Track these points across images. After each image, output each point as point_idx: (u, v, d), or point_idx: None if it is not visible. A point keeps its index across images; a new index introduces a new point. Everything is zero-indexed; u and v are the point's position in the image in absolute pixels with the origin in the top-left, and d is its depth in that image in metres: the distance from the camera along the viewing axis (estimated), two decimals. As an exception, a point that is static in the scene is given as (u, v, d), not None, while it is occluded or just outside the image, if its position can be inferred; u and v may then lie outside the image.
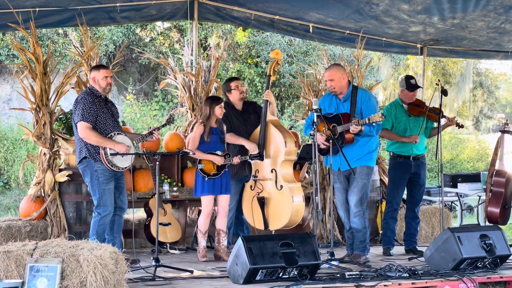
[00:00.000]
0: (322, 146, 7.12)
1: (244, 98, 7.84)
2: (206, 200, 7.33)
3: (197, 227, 7.51)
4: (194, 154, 7.22)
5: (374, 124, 7.02)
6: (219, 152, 7.32)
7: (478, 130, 25.95)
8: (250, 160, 7.39)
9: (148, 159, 7.68)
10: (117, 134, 6.87)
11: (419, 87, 8.02)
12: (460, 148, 23.54)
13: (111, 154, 6.75)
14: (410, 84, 7.96)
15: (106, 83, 6.94)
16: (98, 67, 7.05)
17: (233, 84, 7.77)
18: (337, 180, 7.29)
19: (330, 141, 6.97)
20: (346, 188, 7.28)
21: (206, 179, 7.26)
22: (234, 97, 7.75)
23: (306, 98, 9.12)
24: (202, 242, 7.46)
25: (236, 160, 7.35)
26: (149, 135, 7.09)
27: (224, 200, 7.42)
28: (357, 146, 7.17)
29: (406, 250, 7.97)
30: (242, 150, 7.52)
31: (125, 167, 6.92)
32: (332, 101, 7.31)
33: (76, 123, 6.78)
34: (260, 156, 7.25)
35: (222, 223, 7.43)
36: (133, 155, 6.93)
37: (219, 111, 7.28)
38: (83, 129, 6.73)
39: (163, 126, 7.35)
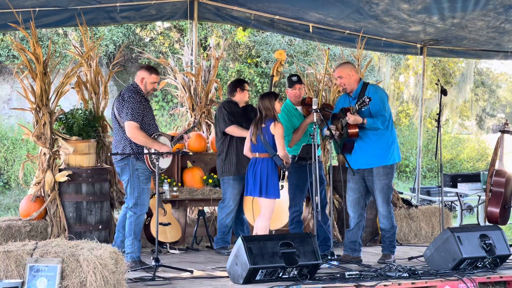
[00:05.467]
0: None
1: (248, 102, 8.02)
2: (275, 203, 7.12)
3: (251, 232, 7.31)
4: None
5: (379, 116, 7.02)
6: None
7: (481, 129, 25.94)
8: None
9: (148, 159, 7.68)
10: (159, 135, 6.95)
11: (301, 82, 7.82)
12: (460, 148, 23.54)
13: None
14: (290, 81, 7.80)
15: (153, 88, 7.02)
16: (151, 70, 7.05)
17: (246, 86, 7.99)
18: (350, 180, 7.28)
19: (331, 140, 7.04)
20: (360, 188, 7.27)
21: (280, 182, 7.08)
22: (243, 97, 7.93)
23: (306, 98, 9.12)
24: None
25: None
26: (181, 139, 7.36)
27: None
28: (370, 143, 7.14)
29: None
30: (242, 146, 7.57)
31: (165, 168, 7.02)
32: (345, 100, 7.33)
33: (124, 121, 6.78)
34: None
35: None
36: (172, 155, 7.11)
37: (278, 106, 7.10)
38: (132, 129, 6.75)
39: (192, 129, 7.80)
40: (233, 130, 7.72)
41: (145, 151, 6.78)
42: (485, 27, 8.96)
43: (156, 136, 6.90)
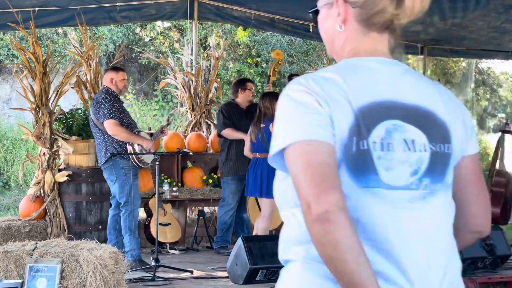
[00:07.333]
0: None
1: (252, 101, 7.98)
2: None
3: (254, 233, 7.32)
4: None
5: None
6: None
7: (482, 129, 25.92)
8: None
9: (148, 159, 7.69)
10: (139, 131, 7.03)
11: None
12: (460, 148, 23.51)
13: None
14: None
15: (123, 85, 7.10)
16: (117, 69, 7.20)
17: (249, 85, 8.00)
18: None
19: None
20: None
21: None
22: (245, 97, 7.92)
23: (306, 98, 9.10)
24: None
25: None
26: (161, 133, 7.38)
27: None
28: None
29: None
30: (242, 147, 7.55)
31: (150, 163, 7.05)
32: None
33: (103, 122, 6.82)
34: None
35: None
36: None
37: None
38: (112, 126, 6.78)
39: (167, 125, 7.73)
40: (228, 133, 7.75)
41: (129, 148, 6.83)
42: (486, 27, 8.95)
43: (136, 132, 6.97)
